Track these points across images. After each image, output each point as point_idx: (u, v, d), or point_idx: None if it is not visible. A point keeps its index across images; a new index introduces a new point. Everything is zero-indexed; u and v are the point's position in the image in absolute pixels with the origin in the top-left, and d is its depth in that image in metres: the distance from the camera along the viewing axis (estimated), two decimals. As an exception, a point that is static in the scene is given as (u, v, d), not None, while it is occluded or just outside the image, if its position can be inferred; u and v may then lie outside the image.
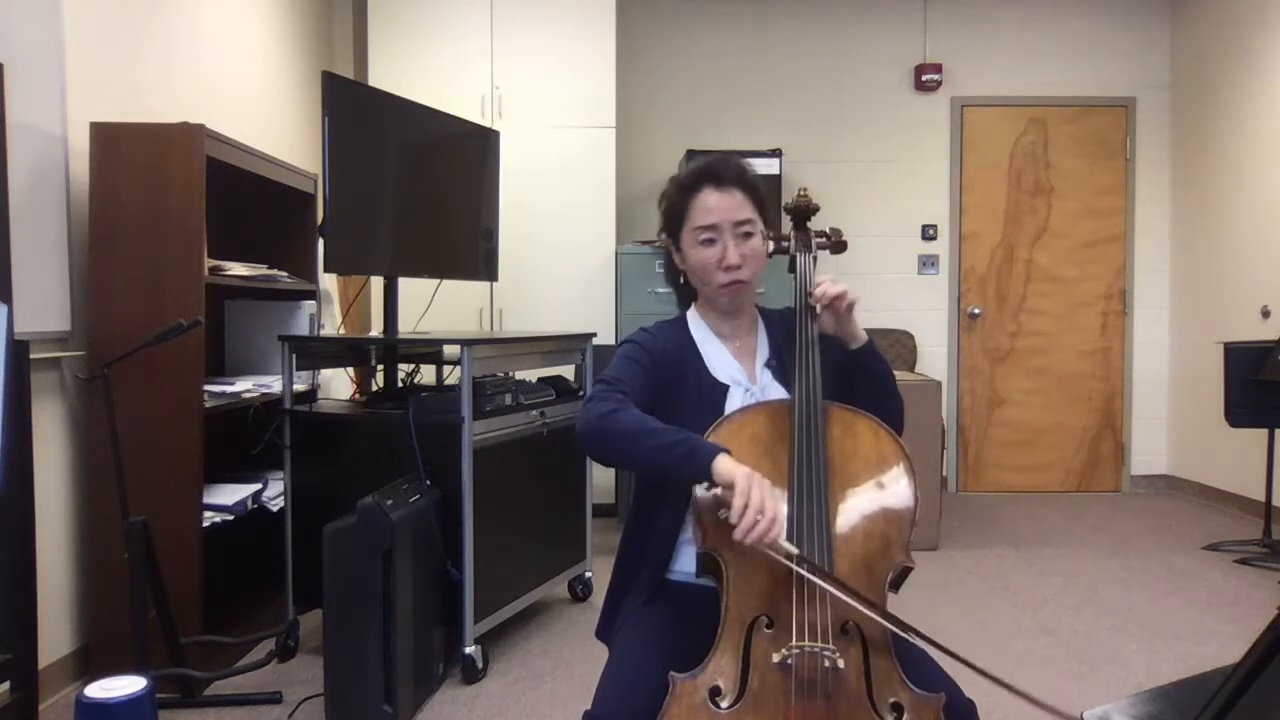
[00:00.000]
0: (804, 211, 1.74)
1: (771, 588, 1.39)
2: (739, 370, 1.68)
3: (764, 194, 1.67)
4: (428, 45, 4.83)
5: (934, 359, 5.83)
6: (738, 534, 1.31)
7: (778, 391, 1.64)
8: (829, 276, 1.62)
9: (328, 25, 5.08)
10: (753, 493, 1.32)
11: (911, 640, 1.39)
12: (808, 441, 1.48)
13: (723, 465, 1.37)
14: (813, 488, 1.44)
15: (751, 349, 1.71)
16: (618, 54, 4.90)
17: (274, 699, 2.68)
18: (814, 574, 1.37)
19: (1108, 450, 5.89)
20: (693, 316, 1.74)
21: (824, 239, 1.76)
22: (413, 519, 2.62)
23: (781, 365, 1.66)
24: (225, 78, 3.84)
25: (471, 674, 2.83)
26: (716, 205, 1.61)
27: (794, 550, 1.36)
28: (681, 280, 1.73)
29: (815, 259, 1.72)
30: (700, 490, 1.39)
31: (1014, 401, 5.87)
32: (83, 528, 2.81)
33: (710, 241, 1.61)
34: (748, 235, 1.62)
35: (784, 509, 1.35)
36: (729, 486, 1.34)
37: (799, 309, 1.64)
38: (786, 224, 1.76)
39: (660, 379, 1.63)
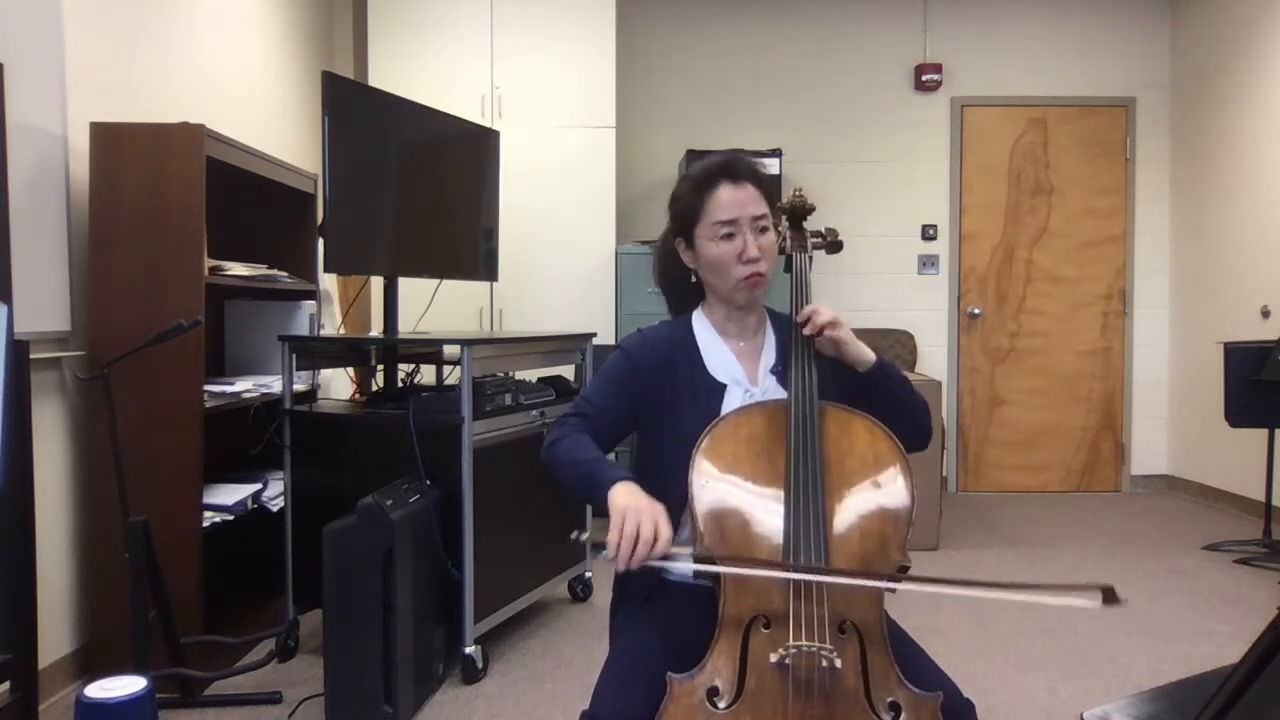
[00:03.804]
0: (800, 211, 1.74)
1: (768, 588, 1.39)
2: (740, 370, 1.67)
3: (772, 190, 1.69)
4: (428, 45, 4.83)
5: (934, 359, 5.83)
6: (615, 565, 1.37)
7: (780, 396, 1.63)
8: (824, 305, 1.62)
9: (328, 25, 5.08)
10: (626, 523, 1.36)
11: (903, 587, 1.38)
12: (804, 441, 1.48)
13: (612, 497, 1.42)
14: (809, 487, 1.44)
15: (757, 350, 1.70)
16: (618, 54, 4.90)
17: (274, 699, 2.68)
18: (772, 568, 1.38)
19: (1108, 450, 5.89)
20: (698, 316, 1.73)
21: (820, 239, 1.76)
22: (413, 519, 2.62)
23: (785, 370, 1.66)
24: (225, 78, 3.85)
25: (471, 674, 2.83)
26: (734, 200, 1.62)
27: (686, 550, 1.40)
28: (693, 279, 1.72)
29: (811, 259, 1.72)
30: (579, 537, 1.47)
31: (1014, 401, 5.87)
32: (83, 528, 2.82)
33: (730, 236, 1.62)
34: (764, 230, 1.64)
35: (666, 530, 1.37)
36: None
37: (793, 315, 1.64)
38: (782, 224, 1.76)
39: (645, 385, 1.64)
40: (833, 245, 1.78)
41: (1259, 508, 4.60)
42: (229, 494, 2.99)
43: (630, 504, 1.38)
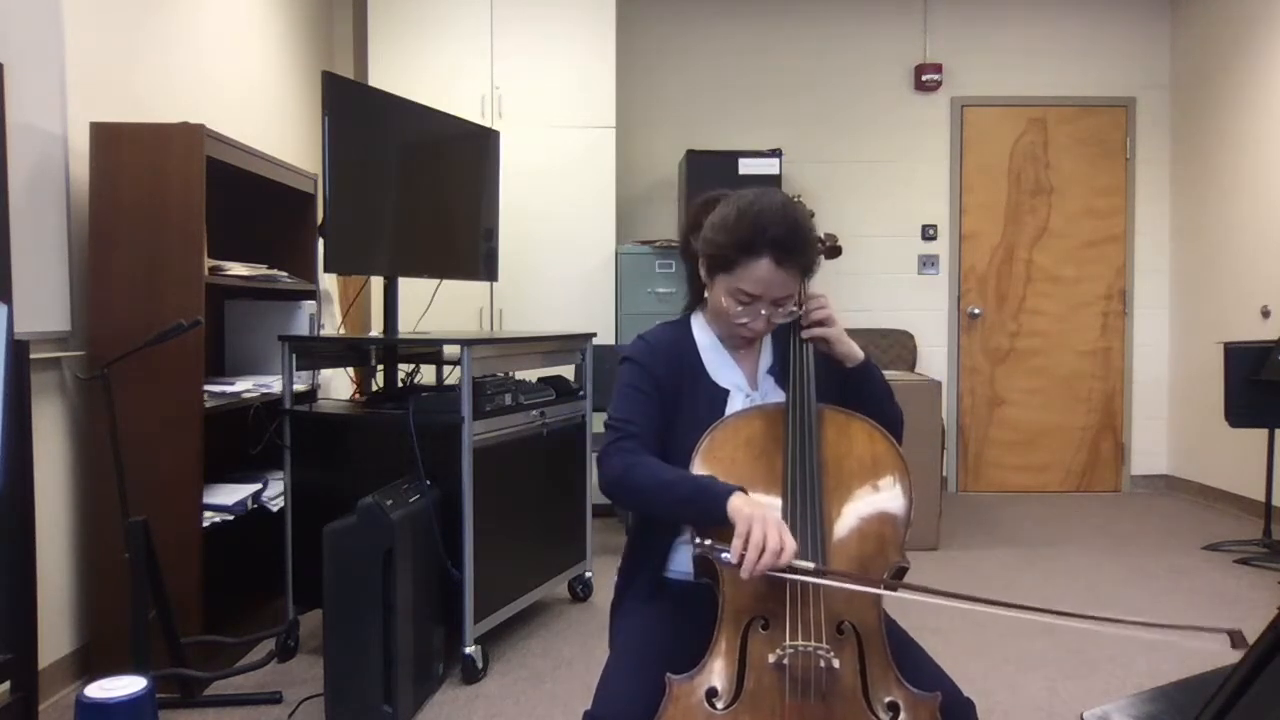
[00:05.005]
0: None
1: (767, 588, 1.39)
2: (740, 375, 1.68)
3: (813, 260, 1.62)
4: (428, 45, 4.84)
5: (934, 359, 5.83)
6: (742, 572, 1.33)
7: (778, 397, 1.64)
8: (818, 300, 1.64)
9: (328, 25, 5.08)
10: (753, 532, 1.33)
11: (923, 598, 1.36)
12: (802, 444, 1.48)
13: (735, 505, 1.38)
14: (807, 490, 1.45)
15: (755, 354, 1.71)
16: (618, 54, 4.90)
17: (274, 699, 2.68)
18: (822, 577, 1.37)
19: (1108, 450, 5.89)
20: (697, 320, 1.73)
21: (819, 244, 1.77)
22: (413, 519, 2.62)
23: (783, 371, 1.66)
24: (225, 78, 3.85)
25: (471, 674, 2.83)
26: (769, 280, 1.54)
27: (810, 565, 1.36)
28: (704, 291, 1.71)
29: None
30: (694, 549, 1.42)
31: (1014, 401, 5.87)
32: (83, 528, 2.82)
33: (745, 304, 1.58)
34: (780, 305, 1.59)
35: (791, 542, 1.33)
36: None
37: (792, 322, 1.64)
38: None
39: (663, 390, 1.64)
40: (831, 251, 1.80)
41: (1259, 508, 4.60)
42: (229, 494, 2.99)
43: (757, 513, 1.36)
